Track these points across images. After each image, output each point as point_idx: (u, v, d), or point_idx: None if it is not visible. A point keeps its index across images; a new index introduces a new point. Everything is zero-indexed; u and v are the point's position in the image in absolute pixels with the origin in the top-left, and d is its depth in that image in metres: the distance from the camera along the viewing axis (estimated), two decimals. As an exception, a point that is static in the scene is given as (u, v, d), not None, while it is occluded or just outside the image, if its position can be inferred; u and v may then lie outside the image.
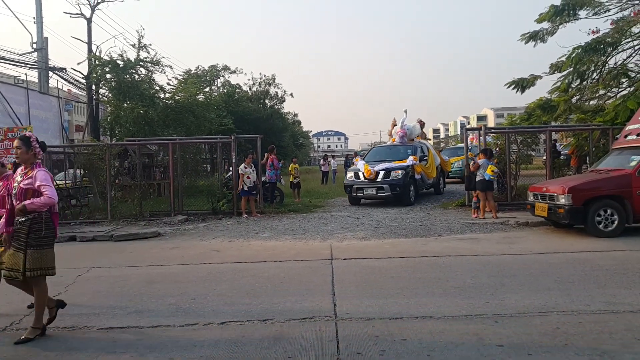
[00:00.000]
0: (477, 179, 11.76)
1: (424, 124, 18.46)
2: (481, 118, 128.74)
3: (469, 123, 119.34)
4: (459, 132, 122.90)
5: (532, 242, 9.05)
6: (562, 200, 9.34)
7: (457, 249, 8.54)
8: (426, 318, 4.96)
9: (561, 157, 16.11)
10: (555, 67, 16.19)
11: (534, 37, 16.37)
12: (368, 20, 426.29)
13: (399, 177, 14.87)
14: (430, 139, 19.53)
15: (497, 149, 14.13)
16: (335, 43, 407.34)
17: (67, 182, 16.17)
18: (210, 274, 7.28)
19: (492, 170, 11.50)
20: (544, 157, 16.92)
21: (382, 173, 15.02)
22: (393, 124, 18.08)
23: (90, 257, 9.24)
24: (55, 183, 14.76)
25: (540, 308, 5.14)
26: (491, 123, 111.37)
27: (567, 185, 9.43)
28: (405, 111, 17.26)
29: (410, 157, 15.43)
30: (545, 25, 16.12)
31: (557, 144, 20.53)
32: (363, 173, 15.36)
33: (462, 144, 23.56)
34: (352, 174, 15.98)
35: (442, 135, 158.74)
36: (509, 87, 17.07)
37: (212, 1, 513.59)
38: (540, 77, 16.72)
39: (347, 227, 11.33)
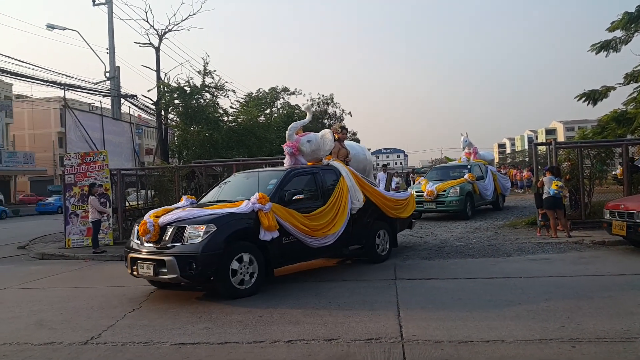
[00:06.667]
0: (544, 196, 11.26)
1: (345, 133, 10.14)
2: (550, 132, 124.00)
3: (536, 137, 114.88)
4: (525, 147, 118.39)
5: (610, 262, 8.53)
6: (643, 218, 8.76)
7: (528, 270, 8.17)
8: (498, 342, 4.77)
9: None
10: (631, 77, 15.44)
11: (606, 46, 15.70)
12: (427, 34, 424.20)
13: (200, 239, 6.72)
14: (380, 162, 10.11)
15: (568, 163, 13.43)
16: (393, 60, 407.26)
17: (139, 202, 16.97)
18: (274, 293, 7.36)
19: (557, 185, 10.96)
20: (614, 172, 16.00)
21: (170, 230, 6.96)
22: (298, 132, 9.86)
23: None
24: (128, 203, 15.66)
25: (622, 333, 4.82)
26: (561, 137, 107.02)
27: (647, 202, 8.86)
28: (308, 108, 9.01)
29: (254, 197, 7.25)
30: (619, 33, 15.44)
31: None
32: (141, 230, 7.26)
33: (455, 162, 19.56)
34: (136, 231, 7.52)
35: (508, 151, 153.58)
36: (579, 99, 16.44)
37: (270, 28, 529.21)
38: (614, 88, 15.98)
39: (409, 247, 11.14)
